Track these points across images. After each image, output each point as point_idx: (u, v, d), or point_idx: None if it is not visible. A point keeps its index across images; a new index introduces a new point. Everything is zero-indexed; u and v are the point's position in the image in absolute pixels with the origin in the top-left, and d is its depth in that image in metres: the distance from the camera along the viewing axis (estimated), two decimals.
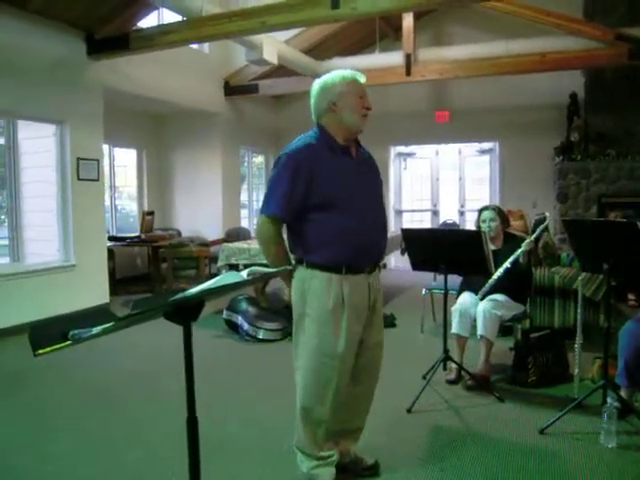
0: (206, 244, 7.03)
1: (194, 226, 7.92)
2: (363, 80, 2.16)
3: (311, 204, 2.05)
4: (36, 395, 3.38)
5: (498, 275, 3.30)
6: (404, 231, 3.46)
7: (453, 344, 3.44)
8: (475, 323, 3.41)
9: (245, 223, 8.77)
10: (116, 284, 6.49)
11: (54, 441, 2.73)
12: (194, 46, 7.19)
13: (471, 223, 6.58)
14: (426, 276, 4.53)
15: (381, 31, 7.52)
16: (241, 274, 1.51)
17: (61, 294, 5.24)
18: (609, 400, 2.60)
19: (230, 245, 5.37)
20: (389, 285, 6.52)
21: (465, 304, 3.47)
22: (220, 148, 7.88)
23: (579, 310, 3.14)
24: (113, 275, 6.37)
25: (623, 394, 2.80)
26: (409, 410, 3.00)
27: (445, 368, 3.42)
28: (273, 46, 5.94)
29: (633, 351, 2.76)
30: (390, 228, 6.41)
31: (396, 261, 8.57)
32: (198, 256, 6.48)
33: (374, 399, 2.33)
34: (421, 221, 9.25)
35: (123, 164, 7.93)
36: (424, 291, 4.69)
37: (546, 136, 7.61)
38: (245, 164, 9.06)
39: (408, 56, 6.73)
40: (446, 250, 3.12)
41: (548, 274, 4.22)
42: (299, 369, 2.16)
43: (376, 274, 2.21)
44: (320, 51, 7.26)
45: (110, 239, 6.65)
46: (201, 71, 7.39)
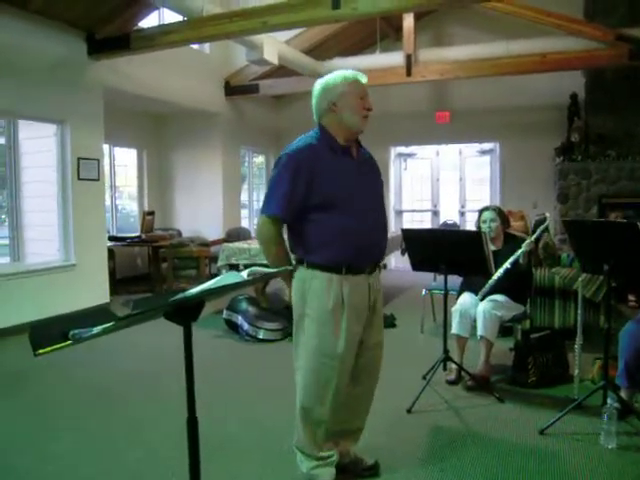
0: (206, 244, 7.03)
1: (194, 226, 7.93)
2: (365, 80, 2.16)
3: (312, 204, 2.05)
4: (36, 395, 3.38)
5: (498, 276, 3.30)
6: (404, 231, 3.46)
7: (453, 344, 3.44)
8: (475, 323, 3.41)
9: (245, 223, 8.77)
10: (116, 284, 6.49)
11: (54, 441, 2.73)
12: (195, 46, 7.19)
13: (471, 224, 6.58)
14: (426, 276, 4.53)
15: (382, 31, 7.52)
16: (241, 274, 1.51)
17: (61, 294, 5.24)
18: (609, 401, 2.60)
19: (230, 245, 5.37)
20: (389, 285, 6.52)
21: (465, 304, 3.47)
22: (221, 148, 7.89)
23: (579, 311, 3.14)
24: (113, 275, 6.38)
25: (623, 395, 2.80)
26: (409, 410, 3.00)
27: (445, 368, 3.42)
28: (274, 46, 5.94)
29: (633, 352, 2.76)
30: (390, 228, 6.41)
31: (396, 261, 8.57)
32: (198, 256, 6.48)
33: (374, 399, 2.33)
34: (421, 221, 9.25)
35: (123, 164, 7.93)
36: (424, 291, 4.69)
37: (546, 137, 7.61)
38: (245, 164, 9.06)
39: (409, 56, 6.73)
40: (446, 250, 3.12)
41: (548, 275, 4.22)
42: (299, 369, 2.16)
43: (376, 274, 2.21)
44: (321, 51, 7.27)
45: (110, 239, 6.65)
46: (202, 71, 7.39)
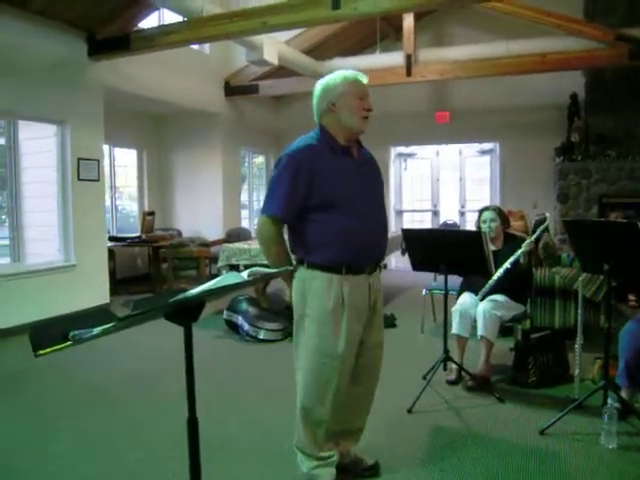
0: (206, 244, 7.02)
1: (194, 226, 7.92)
2: (365, 81, 2.15)
3: (312, 204, 2.05)
4: (37, 395, 3.38)
5: (498, 275, 3.30)
6: (404, 231, 3.46)
7: (453, 344, 3.44)
8: (475, 324, 3.41)
9: (245, 223, 8.77)
10: (116, 284, 6.50)
11: (55, 441, 2.73)
12: (195, 46, 7.19)
13: (471, 224, 6.57)
14: (426, 276, 4.53)
15: (382, 31, 7.52)
16: (242, 275, 1.51)
17: (62, 294, 5.24)
18: (609, 401, 2.60)
19: (230, 245, 5.37)
20: (389, 285, 6.52)
21: (465, 304, 3.47)
22: (220, 148, 7.89)
23: (579, 311, 3.14)
24: (114, 275, 6.38)
25: (624, 395, 2.80)
26: (409, 410, 3.00)
27: (445, 368, 3.42)
28: (274, 46, 5.93)
29: (633, 352, 2.76)
30: (390, 228, 6.41)
31: (396, 261, 8.57)
32: (198, 256, 6.47)
33: (374, 399, 2.33)
34: (421, 221, 9.25)
35: (123, 164, 7.93)
36: (424, 291, 4.69)
37: (547, 137, 7.61)
38: (245, 164, 9.06)
39: (409, 56, 6.73)
40: (446, 250, 3.12)
41: (548, 274, 4.22)
42: (299, 369, 2.16)
43: (377, 274, 2.21)
44: (321, 51, 7.27)
45: (111, 239, 6.65)
46: (202, 71, 7.39)
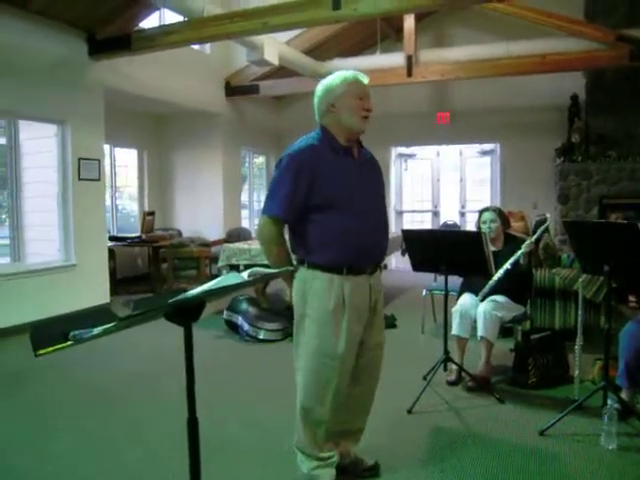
0: (207, 244, 7.02)
1: (195, 226, 7.93)
2: (366, 81, 2.15)
3: (313, 205, 2.05)
4: (37, 395, 3.38)
5: (498, 276, 3.30)
6: (405, 232, 3.46)
7: (453, 345, 3.44)
8: (475, 324, 3.41)
9: (246, 224, 8.78)
10: (117, 284, 6.49)
11: (54, 441, 2.73)
12: (195, 47, 7.19)
13: (472, 224, 6.58)
14: (427, 277, 4.53)
15: (382, 32, 7.52)
16: (242, 275, 1.51)
17: (62, 294, 5.24)
18: (609, 402, 2.60)
19: (231, 246, 5.37)
20: (390, 286, 6.51)
21: (465, 305, 3.47)
22: (221, 148, 7.89)
23: (580, 312, 3.14)
24: (114, 275, 6.38)
25: (624, 395, 2.80)
26: (409, 411, 3.00)
27: (445, 369, 3.42)
28: (274, 47, 5.94)
29: (634, 352, 2.76)
30: (391, 229, 6.40)
31: (397, 262, 8.56)
32: (199, 256, 6.47)
33: (374, 400, 2.33)
34: (422, 222, 9.25)
35: (124, 164, 7.93)
36: (424, 292, 4.69)
37: (547, 137, 7.61)
38: (246, 165, 9.06)
39: (409, 57, 6.73)
40: (446, 251, 3.12)
41: (549, 275, 4.22)
42: (299, 369, 2.16)
43: (377, 275, 2.21)
44: (321, 52, 7.27)
45: (111, 239, 6.65)
46: (202, 71, 7.39)
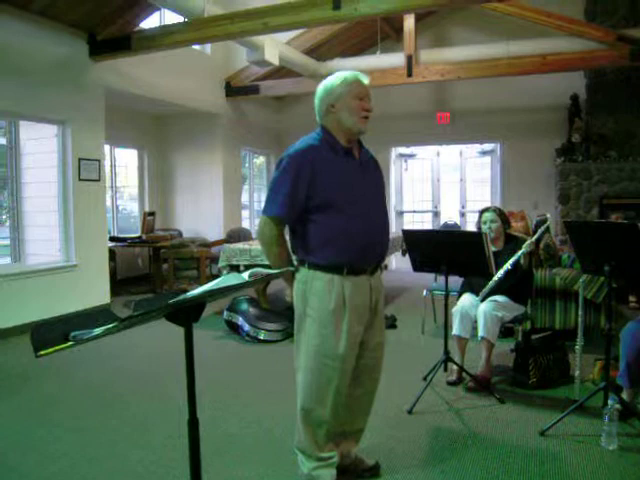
0: (207, 245, 7.03)
1: (195, 227, 7.93)
2: (366, 82, 2.15)
3: (313, 205, 2.05)
4: (37, 395, 3.38)
5: (499, 276, 3.30)
6: (405, 232, 3.46)
7: (454, 345, 3.44)
8: (476, 324, 3.41)
9: (246, 224, 8.78)
10: (117, 285, 6.50)
11: (55, 441, 2.73)
12: (196, 47, 7.19)
13: (472, 224, 6.58)
14: (427, 277, 4.54)
15: (382, 32, 7.53)
16: (243, 275, 1.51)
17: (62, 294, 5.25)
18: (610, 402, 2.59)
19: (231, 246, 5.37)
20: (390, 286, 6.52)
21: (466, 305, 3.47)
22: (221, 149, 7.89)
23: (580, 312, 3.14)
24: (114, 276, 6.38)
25: (625, 395, 2.80)
26: (410, 411, 3.00)
27: (446, 369, 3.42)
28: (274, 47, 5.94)
29: (635, 352, 2.76)
30: (391, 229, 6.41)
31: (397, 262, 8.57)
32: (199, 257, 6.48)
33: (375, 400, 2.33)
34: (422, 222, 9.25)
35: (124, 164, 7.94)
36: (425, 292, 4.69)
37: (547, 137, 7.62)
38: (246, 165, 9.06)
39: (409, 57, 6.74)
40: (447, 251, 3.12)
41: (549, 275, 4.22)
42: (300, 370, 2.16)
43: (378, 275, 2.22)
44: (321, 52, 7.28)
45: (111, 239, 6.65)
46: (202, 72, 7.40)
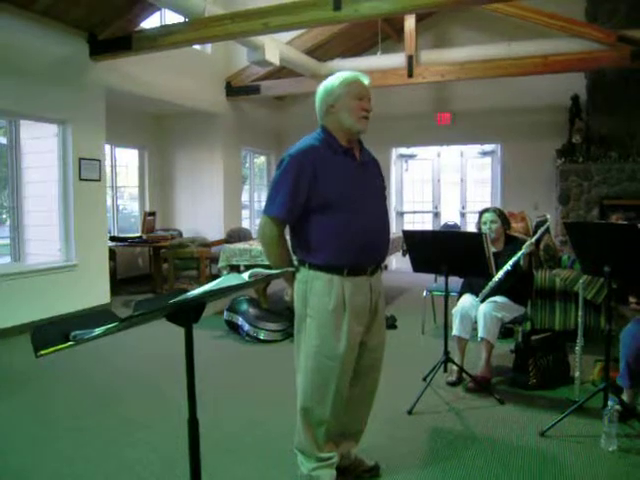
0: (207, 245, 7.02)
1: (195, 227, 7.93)
2: (366, 82, 2.15)
3: (314, 205, 2.05)
4: (37, 395, 3.38)
5: (499, 277, 3.30)
6: (405, 232, 3.46)
7: (454, 346, 3.44)
8: (476, 325, 3.41)
9: (246, 224, 8.78)
10: (117, 284, 6.50)
11: (55, 441, 2.73)
12: (196, 47, 7.20)
13: (472, 225, 6.58)
14: (427, 278, 4.53)
15: (383, 33, 7.53)
16: (243, 276, 1.51)
17: (62, 294, 5.25)
18: (610, 403, 2.59)
19: (231, 246, 5.37)
20: (390, 286, 6.52)
21: (466, 306, 3.47)
22: (221, 149, 7.89)
23: (580, 313, 3.14)
24: (114, 275, 6.38)
25: (626, 396, 2.80)
26: (410, 412, 3.00)
27: (446, 370, 3.42)
28: (275, 47, 5.94)
29: (635, 352, 2.76)
30: (391, 229, 6.41)
31: (397, 263, 8.57)
32: (199, 257, 6.48)
33: (374, 400, 2.33)
34: (422, 223, 9.25)
35: (125, 164, 7.94)
36: (425, 293, 4.69)
37: (548, 138, 7.61)
38: (246, 165, 9.06)
39: (410, 58, 6.73)
40: (447, 252, 3.13)
41: (549, 276, 4.21)
42: (300, 370, 2.16)
43: (378, 276, 2.21)
44: (322, 52, 7.28)
45: (111, 239, 6.66)
46: (203, 72, 7.40)
